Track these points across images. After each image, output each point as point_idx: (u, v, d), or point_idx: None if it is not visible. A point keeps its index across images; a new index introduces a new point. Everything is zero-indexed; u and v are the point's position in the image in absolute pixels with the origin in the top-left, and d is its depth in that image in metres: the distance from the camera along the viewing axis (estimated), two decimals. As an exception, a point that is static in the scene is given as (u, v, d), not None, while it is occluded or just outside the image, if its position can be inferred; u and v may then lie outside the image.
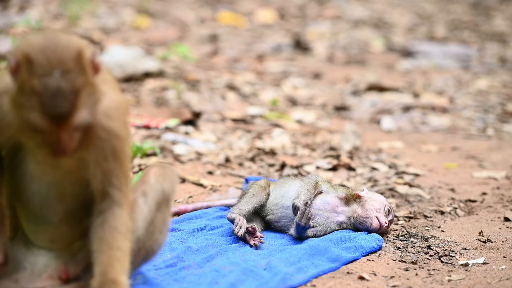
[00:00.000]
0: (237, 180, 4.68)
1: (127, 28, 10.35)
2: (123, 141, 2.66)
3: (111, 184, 2.66)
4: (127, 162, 2.70)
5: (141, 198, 2.81)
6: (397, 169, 5.05)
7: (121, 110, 2.67)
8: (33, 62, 2.39)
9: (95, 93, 2.49)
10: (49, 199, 2.71)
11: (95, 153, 2.62)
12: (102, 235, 2.65)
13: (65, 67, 2.40)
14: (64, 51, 2.43)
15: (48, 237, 2.78)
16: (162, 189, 2.84)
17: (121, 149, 2.65)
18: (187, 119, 5.85)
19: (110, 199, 2.67)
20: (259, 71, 8.53)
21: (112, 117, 2.62)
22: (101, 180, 2.65)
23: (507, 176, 5.00)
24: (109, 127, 2.61)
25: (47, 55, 2.41)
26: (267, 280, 3.16)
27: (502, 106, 7.36)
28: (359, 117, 6.79)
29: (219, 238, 3.68)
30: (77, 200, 2.72)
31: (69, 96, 2.40)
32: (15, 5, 10.40)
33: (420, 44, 10.45)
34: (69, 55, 2.43)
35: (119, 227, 2.66)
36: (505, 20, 12.92)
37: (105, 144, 2.61)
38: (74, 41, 2.49)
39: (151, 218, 2.82)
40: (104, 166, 2.63)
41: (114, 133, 2.62)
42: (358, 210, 3.83)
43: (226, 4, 12.86)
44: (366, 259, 3.54)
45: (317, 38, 10.85)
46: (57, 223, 2.75)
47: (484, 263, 3.52)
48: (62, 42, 2.45)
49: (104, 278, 2.60)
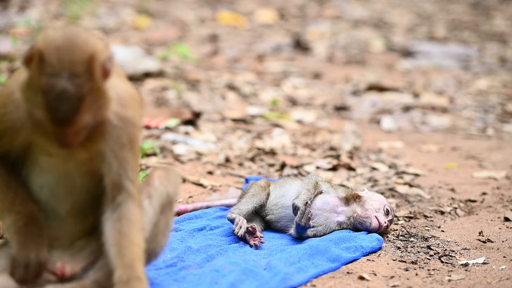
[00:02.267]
0: (237, 180, 4.68)
1: (127, 28, 10.36)
2: (138, 129, 2.69)
3: (126, 175, 2.67)
4: (138, 152, 2.74)
5: (146, 200, 2.82)
6: (397, 169, 5.05)
7: (135, 99, 2.69)
8: (45, 60, 2.41)
9: (102, 97, 2.50)
10: (58, 191, 2.72)
11: (112, 142, 2.63)
12: (121, 229, 2.66)
13: (75, 70, 2.41)
14: (77, 53, 2.43)
15: (52, 235, 2.78)
16: (166, 192, 2.86)
17: (136, 138, 2.69)
18: (187, 119, 5.85)
19: (125, 192, 2.69)
20: (259, 71, 8.53)
21: (128, 106, 2.64)
22: (117, 171, 2.66)
23: (507, 176, 5.00)
24: (125, 115, 2.63)
25: (59, 55, 2.42)
26: (267, 280, 3.16)
27: (502, 106, 7.36)
28: (359, 117, 6.79)
29: (219, 238, 3.68)
30: (86, 193, 2.74)
31: (73, 101, 2.41)
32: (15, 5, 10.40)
33: (420, 44, 10.44)
34: (81, 58, 2.43)
35: (136, 222, 2.69)
36: (505, 20, 12.91)
37: (122, 132, 2.63)
38: (91, 43, 2.48)
39: (156, 221, 2.84)
40: (120, 156, 2.65)
41: (130, 122, 2.65)
42: (358, 210, 3.83)
43: (226, 4, 12.86)
44: (366, 259, 3.54)
45: (317, 38, 10.85)
46: (64, 217, 2.76)
47: (484, 263, 3.52)
48: (78, 43, 2.45)
49: (131, 274, 2.62)
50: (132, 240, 2.65)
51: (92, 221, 2.78)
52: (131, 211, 2.68)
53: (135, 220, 2.68)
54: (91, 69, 2.44)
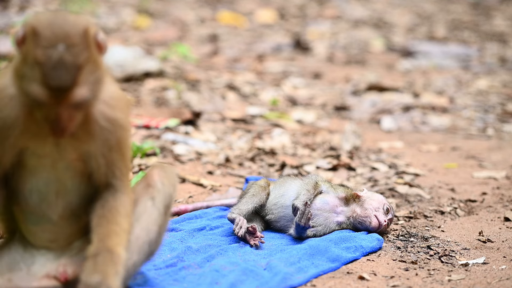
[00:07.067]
0: (237, 180, 4.68)
1: (127, 28, 10.36)
2: (127, 131, 2.69)
3: (114, 175, 2.69)
4: (129, 153, 2.74)
5: (149, 201, 2.82)
6: (397, 169, 5.05)
7: (124, 101, 2.69)
8: (39, 34, 2.41)
9: (98, 71, 2.49)
10: (49, 195, 2.70)
11: (100, 144, 2.63)
12: (101, 213, 2.68)
13: (70, 41, 2.41)
14: (71, 26, 2.44)
15: (47, 237, 2.77)
16: (169, 193, 2.87)
17: (125, 139, 2.68)
18: (187, 119, 5.85)
19: (113, 188, 2.71)
20: (259, 71, 8.53)
21: (116, 107, 2.64)
22: (104, 172, 2.67)
23: (507, 176, 5.00)
24: (113, 117, 2.63)
25: (53, 28, 2.42)
26: (267, 280, 3.16)
27: (502, 106, 7.36)
28: (359, 117, 6.79)
29: (219, 238, 3.68)
30: (77, 195, 2.73)
31: (71, 69, 2.40)
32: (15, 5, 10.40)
33: (420, 44, 10.45)
34: (76, 30, 2.44)
35: (120, 208, 2.69)
36: (505, 20, 12.92)
37: (110, 134, 2.63)
38: (82, 18, 2.51)
39: (161, 222, 2.85)
40: (108, 157, 2.66)
41: (118, 123, 2.64)
42: (357, 209, 3.83)
43: (226, 4, 12.86)
44: (366, 259, 3.54)
45: (317, 38, 10.85)
46: (57, 220, 2.74)
47: (484, 263, 3.52)
48: (70, 18, 2.47)
49: (101, 246, 2.61)
50: (110, 220, 2.66)
51: (87, 221, 2.76)
52: (116, 199, 2.70)
53: (118, 206, 2.69)
54: (86, 40, 2.44)
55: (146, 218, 2.80)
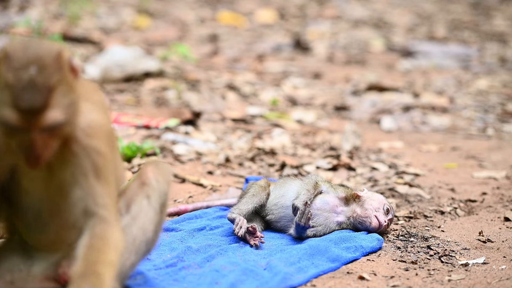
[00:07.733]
0: (237, 180, 4.68)
1: (127, 28, 10.36)
2: (105, 159, 2.58)
3: (95, 202, 2.58)
4: (111, 181, 2.62)
5: (144, 200, 2.80)
6: (397, 169, 5.05)
7: (104, 129, 2.60)
8: (11, 57, 2.36)
9: (72, 95, 2.43)
10: (43, 213, 2.68)
11: (74, 170, 2.55)
12: (92, 245, 2.54)
13: (42, 63, 2.36)
14: (44, 50, 2.40)
15: (46, 243, 2.77)
16: (164, 190, 2.85)
17: (103, 167, 2.57)
18: (187, 119, 5.85)
19: (97, 217, 2.58)
20: (259, 71, 8.53)
21: (92, 135, 2.55)
22: (82, 198, 2.57)
23: (507, 176, 5.00)
24: (89, 144, 2.54)
25: (26, 52, 2.38)
26: (267, 280, 3.16)
27: (502, 106, 7.36)
28: (359, 117, 6.79)
29: (219, 238, 3.68)
30: (71, 214, 2.63)
31: (42, 91, 2.34)
32: (15, 5, 10.40)
33: (420, 44, 10.45)
34: (48, 53, 2.39)
35: (111, 241, 2.56)
36: (505, 20, 12.92)
37: (84, 161, 2.55)
38: (56, 44, 2.46)
39: (157, 220, 2.84)
40: (84, 184, 2.56)
41: (94, 150, 2.55)
42: (357, 209, 3.83)
43: (226, 4, 12.86)
44: (366, 259, 3.54)
45: (317, 38, 10.85)
46: (53, 233, 2.73)
47: (484, 263, 3.52)
48: (44, 43, 2.43)
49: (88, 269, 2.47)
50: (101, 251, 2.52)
51: None
52: (106, 232, 2.56)
53: (109, 239, 2.55)
54: (58, 63, 2.39)
55: (143, 218, 2.78)
